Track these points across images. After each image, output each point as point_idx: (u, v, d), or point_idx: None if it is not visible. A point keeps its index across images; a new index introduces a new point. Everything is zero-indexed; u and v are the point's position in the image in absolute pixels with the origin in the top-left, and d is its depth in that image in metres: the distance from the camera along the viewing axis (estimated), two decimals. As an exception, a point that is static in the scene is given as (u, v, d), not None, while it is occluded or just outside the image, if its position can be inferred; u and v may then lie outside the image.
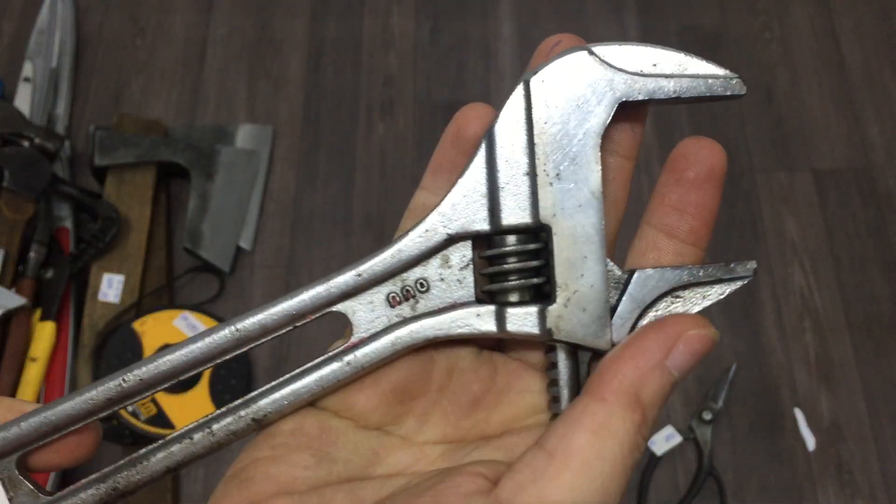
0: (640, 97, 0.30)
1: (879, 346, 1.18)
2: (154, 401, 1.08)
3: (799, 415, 1.13)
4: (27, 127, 1.19)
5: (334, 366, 0.30)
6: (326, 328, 1.32)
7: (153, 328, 1.12)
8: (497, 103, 0.30)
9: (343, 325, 0.32)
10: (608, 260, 0.30)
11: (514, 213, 0.30)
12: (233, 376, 1.13)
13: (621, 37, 1.39)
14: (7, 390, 1.05)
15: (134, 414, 1.07)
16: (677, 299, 0.30)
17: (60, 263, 1.14)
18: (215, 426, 0.30)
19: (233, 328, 0.30)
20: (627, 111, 0.31)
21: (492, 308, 0.30)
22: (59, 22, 1.34)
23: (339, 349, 0.30)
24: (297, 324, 0.31)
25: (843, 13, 1.42)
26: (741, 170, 1.29)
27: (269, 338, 0.30)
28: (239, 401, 0.30)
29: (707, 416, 1.11)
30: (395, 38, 1.41)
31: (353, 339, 0.31)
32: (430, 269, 0.31)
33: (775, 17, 1.42)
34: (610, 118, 0.30)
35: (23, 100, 1.27)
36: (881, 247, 1.24)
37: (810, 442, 1.12)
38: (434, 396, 0.31)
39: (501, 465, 0.27)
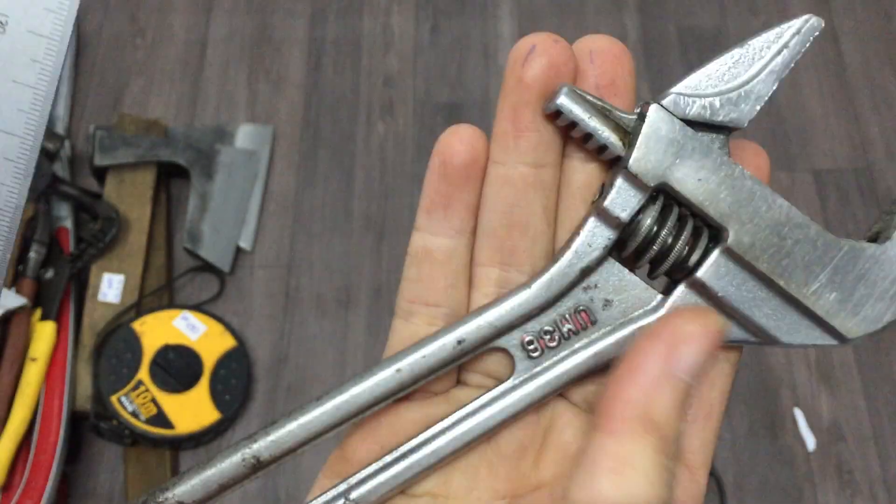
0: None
1: (879, 346, 1.18)
2: (154, 401, 1.08)
3: (799, 415, 1.13)
4: (27, 127, 1.19)
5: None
6: (328, 326, 1.30)
7: (153, 328, 1.12)
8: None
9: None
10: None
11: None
12: (233, 376, 1.13)
13: (621, 36, 1.39)
14: (7, 390, 1.05)
15: (134, 414, 1.07)
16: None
17: (60, 263, 1.14)
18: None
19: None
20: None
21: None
22: (59, 22, 1.34)
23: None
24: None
25: (843, 13, 1.42)
26: (741, 170, 1.29)
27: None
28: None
29: (707, 416, 1.11)
30: (395, 38, 1.41)
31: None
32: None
33: (775, 17, 1.42)
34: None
35: (23, 100, 1.27)
36: (881, 247, 1.24)
37: (810, 442, 1.12)
38: (478, 448, 0.29)
39: None
